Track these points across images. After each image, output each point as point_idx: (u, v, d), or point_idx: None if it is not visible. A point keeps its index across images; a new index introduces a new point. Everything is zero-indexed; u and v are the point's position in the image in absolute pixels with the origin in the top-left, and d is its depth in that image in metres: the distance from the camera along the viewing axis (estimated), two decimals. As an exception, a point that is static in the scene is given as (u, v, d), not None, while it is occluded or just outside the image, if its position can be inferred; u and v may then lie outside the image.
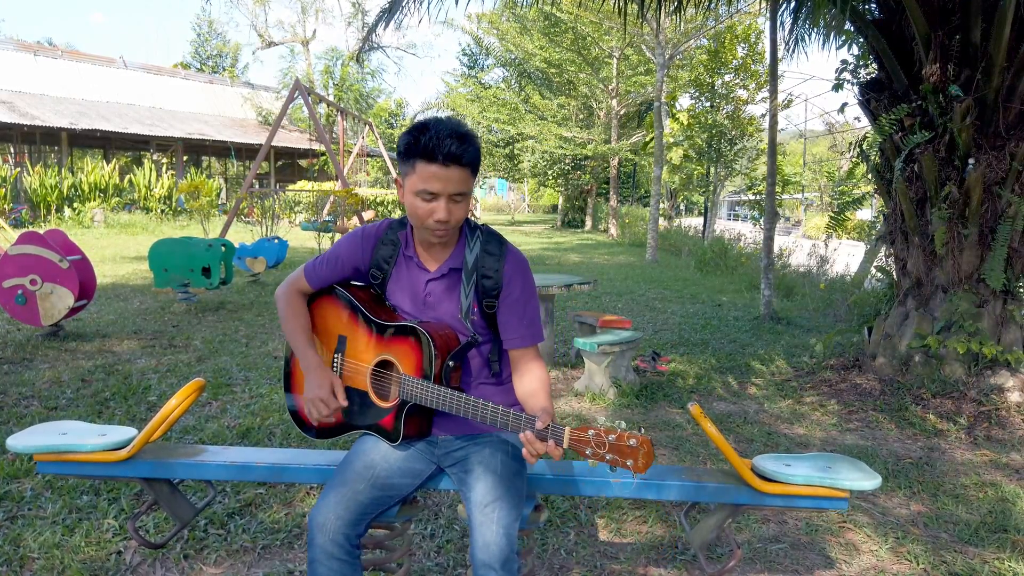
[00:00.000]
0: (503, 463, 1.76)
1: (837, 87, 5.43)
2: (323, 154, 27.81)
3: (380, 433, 1.80)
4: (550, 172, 26.82)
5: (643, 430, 1.47)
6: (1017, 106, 4.27)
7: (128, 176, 21.45)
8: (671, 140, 18.17)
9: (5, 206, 16.77)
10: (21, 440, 1.94)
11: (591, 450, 1.49)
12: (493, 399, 1.85)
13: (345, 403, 1.80)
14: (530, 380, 1.77)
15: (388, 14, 6.65)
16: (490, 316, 1.80)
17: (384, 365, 1.81)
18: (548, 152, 24.48)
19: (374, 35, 7.36)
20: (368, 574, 2.19)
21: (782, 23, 7.13)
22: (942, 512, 3.03)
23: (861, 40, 5.26)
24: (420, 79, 63.07)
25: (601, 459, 1.48)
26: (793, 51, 7.05)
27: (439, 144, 1.60)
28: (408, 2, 6.34)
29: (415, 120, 1.80)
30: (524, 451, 1.56)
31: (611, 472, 1.50)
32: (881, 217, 5.56)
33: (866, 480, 1.86)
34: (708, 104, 17.51)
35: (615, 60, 21.23)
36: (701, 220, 22.35)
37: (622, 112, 23.03)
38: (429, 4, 6.21)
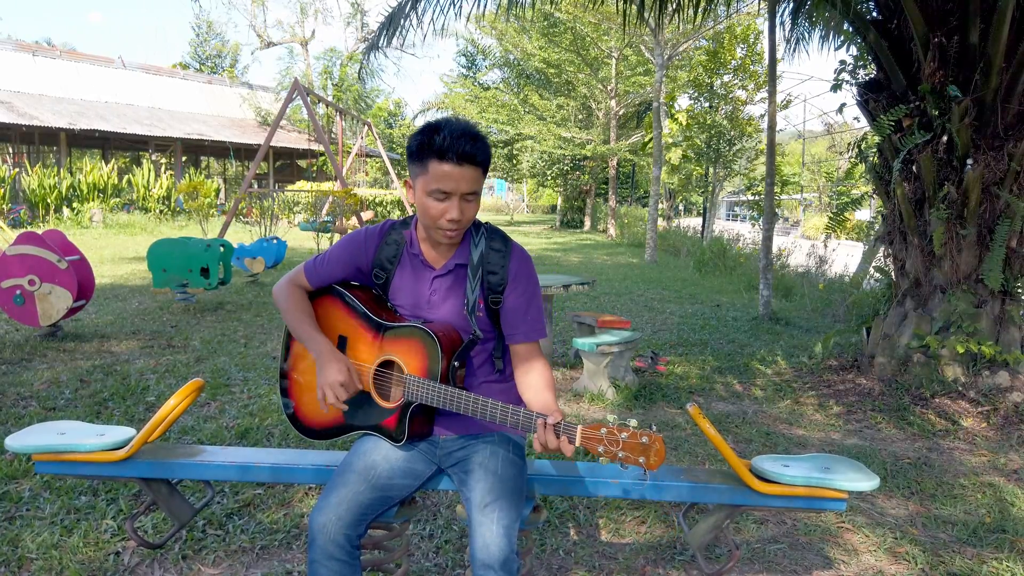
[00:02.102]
0: (504, 464, 1.76)
1: (836, 87, 5.43)
2: (322, 154, 27.82)
3: (383, 433, 1.80)
4: (549, 172, 26.84)
5: (654, 427, 1.48)
6: (1015, 106, 4.28)
7: (127, 176, 21.44)
8: (670, 140, 18.18)
9: (4, 206, 16.76)
10: (19, 440, 1.93)
11: (603, 448, 1.49)
12: (497, 396, 1.85)
13: (363, 387, 1.79)
14: (535, 377, 1.78)
15: (389, 29, 6.56)
16: (494, 312, 1.81)
17: (386, 365, 1.80)
18: (547, 152, 24.49)
19: (374, 53, 7.27)
20: (367, 574, 2.19)
21: (781, 23, 7.14)
22: (940, 512, 3.04)
23: (860, 40, 5.26)
24: (419, 79, 63.07)
25: (613, 457, 1.48)
26: (794, 50, 7.07)
27: (453, 144, 1.61)
28: (408, 13, 6.27)
29: (424, 122, 1.82)
30: (535, 441, 1.56)
31: (623, 469, 1.51)
32: (880, 217, 5.56)
33: (864, 481, 1.86)
34: (707, 105, 17.52)
35: (614, 60, 21.25)
36: (700, 220, 22.37)
37: (621, 112, 23.04)
38: (433, 17, 6.13)
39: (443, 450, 1.85)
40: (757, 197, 18.13)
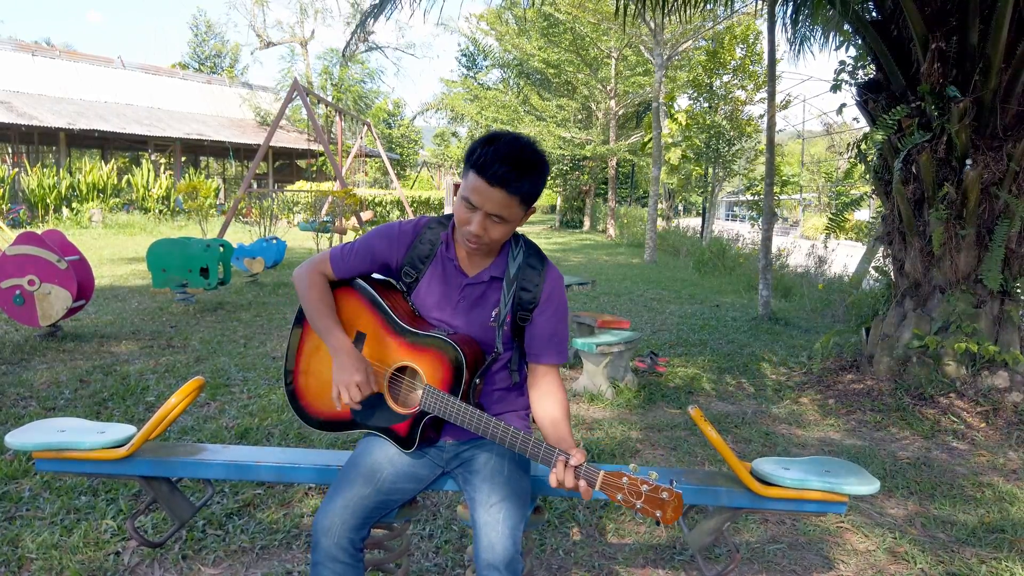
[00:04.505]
0: (509, 465, 1.75)
1: (835, 88, 5.44)
2: (321, 154, 27.81)
3: (392, 438, 1.77)
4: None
5: (674, 483, 1.49)
6: (1014, 107, 4.28)
7: (126, 176, 21.41)
8: (669, 141, 18.18)
9: (3, 206, 16.74)
10: (19, 437, 1.93)
11: (623, 496, 1.50)
12: (510, 404, 1.87)
13: (377, 389, 1.76)
14: (552, 405, 1.76)
15: (378, 8, 6.52)
16: (519, 329, 1.80)
17: (402, 369, 1.78)
18: (546, 153, 24.47)
19: (362, 32, 7.24)
20: (367, 574, 2.19)
21: (783, 24, 7.14)
22: (939, 512, 3.04)
23: (859, 41, 5.26)
24: (419, 79, 63.04)
25: (631, 506, 1.49)
26: (798, 51, 7.06)
27: (488, 164, 1.60)
28: None
29: (486, 133, 1.83)
30: (551, 477, 1.56)
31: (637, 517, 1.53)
32: (879, 217, 5.56)
33: (864, 484, 1.86)
34: (706, 105, 17.53)
35: (613, 60, 21.26)
36: (699, 220, 22.37)
37: (620, 113, 23.05)
38: None
39: (449, 453, 1.84)
40: (756, 197, 18.14)
